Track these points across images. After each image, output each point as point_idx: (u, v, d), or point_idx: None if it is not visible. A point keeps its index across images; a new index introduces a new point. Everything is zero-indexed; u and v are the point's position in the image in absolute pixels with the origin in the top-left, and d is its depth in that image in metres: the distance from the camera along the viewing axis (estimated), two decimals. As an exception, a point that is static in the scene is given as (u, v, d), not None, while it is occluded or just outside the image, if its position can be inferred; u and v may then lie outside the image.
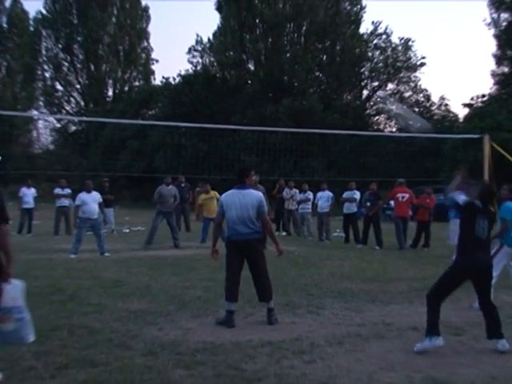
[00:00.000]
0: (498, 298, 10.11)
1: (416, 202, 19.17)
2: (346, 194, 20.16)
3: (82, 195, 16.30)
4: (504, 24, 42.80)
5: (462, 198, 7.40)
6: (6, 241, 6.00)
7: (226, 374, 6.04)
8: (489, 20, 43.47)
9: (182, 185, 23.75)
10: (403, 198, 18.77)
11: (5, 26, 67.08)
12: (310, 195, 21.69)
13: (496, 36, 43.32)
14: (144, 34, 62.00)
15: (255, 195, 8.58)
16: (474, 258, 7.18)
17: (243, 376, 5.98)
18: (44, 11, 59.54)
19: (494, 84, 44.50)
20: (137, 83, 61.39)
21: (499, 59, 43.67)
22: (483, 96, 42.59)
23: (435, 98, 49.58)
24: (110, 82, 60.89)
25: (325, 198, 20.85)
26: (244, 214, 8.38)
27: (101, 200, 16.64)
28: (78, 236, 16.05)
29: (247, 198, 8.48)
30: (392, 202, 20.91)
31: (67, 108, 60.67)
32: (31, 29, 63.19)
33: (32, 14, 64.45)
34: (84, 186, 16.72)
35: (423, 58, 48.60)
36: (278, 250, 8.75)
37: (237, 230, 8.39)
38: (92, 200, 16.24)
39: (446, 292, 7.36)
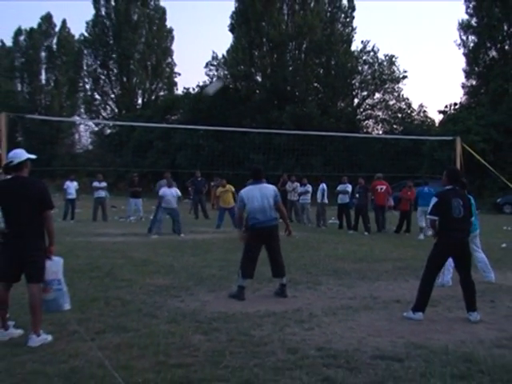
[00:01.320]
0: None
1: (399, 194, 19.28)
2: (339, 187, 20.06)
3: (165, 189, 16.54)
4: (471, 45, 42.98)
5: (433, 201, 7.35)
6: (50, 224, 6.07)
7: (237, 339, 6.06)
8: (459, 41, 43.66)
9: (199, 179, 23.69)
10: (381, 189, 19.05)
11: (54, 46, 67.36)
12: (309, 188, 21.61)
13: (465, 54, 43.51)
14: (168, 52, 61.91)
15: (271, 188, 8.65)
16: (453, 236, 7.20)
17: (252, 341, 5.99)
18: (86, 34, 59.82)
19: (464, 94, 44.58)
20: (162, 93, 61.36)
21: (468, 74, 43.87)
22: (455, 104, 42.68)
23: (415, 106, 49.33)
24: (140, 92, 60.91)
25: (320, 190, 20.74)
26: (265, 204, 8.39)
27: (179, 194, 16.83)
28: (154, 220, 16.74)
29: (266, 191, 8.53)
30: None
31: (103, 114, 60.75)
32: (75, 49, 63.44)
33: (76, 36, 64.84)
34: (166, 182, 16.95)
35: (405, 71, 48.32)
36: (289, 230, 8.85)
37: (259, 219, 8.39)
38: (170, 193, 16.42)
39: (435, 270, 7.41)
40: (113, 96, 60.77)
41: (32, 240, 5.92)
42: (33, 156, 6.23)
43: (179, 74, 65.14)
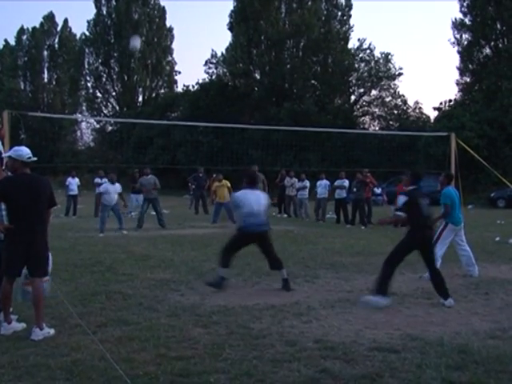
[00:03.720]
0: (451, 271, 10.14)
1: (396, 189, 19.41)
2: (337, 182, 20.08)
3: (107, 185, 16.28)
4: (465, 43, 42.88)
5: (401, 199, 7.73)
6: (49, 220, 6.24)
7: (236, 331, 6.06)
8: (453, 39, 43.52)
9: (200, 175, 23.65)
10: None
11: (56, 45, 67.31)
12: (307, 183, 21.64)
13: (459, 52, 43.38)
14: (168, 50, 61.72)
15: (263, 195, 8.90)
16: (423, 232, 7.60)
17: (251, 334, 5.99)
18: (87, 33, 59.66)
19: (459, 91, 44.44)
20: (162, 91, 61.20)
21: (462, 71, 43.74)
22: (450, 101, 42.54)
23: (411, 103, 49.25)
24: (140, 89, 60.65)
25: (323, 185, 20.86)
26: (257, 209, 8.47)
27: (121, 190, 16.44)
28: (102, 219, 16.02)
29: (259, 197, 8.70)
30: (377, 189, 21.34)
31: (105, 111, 60.55)
32: (77, 47, 63.40)
33: (78, 35, 64.77)
34: (108, 177, 16.69)
35: (400, 69, 48.18)
36: None
37: (252, 222, 8.42)
38: (113, 190, 16.14)
39: (400, 260, 7.77)
40: (114, 94, 60.61)
41: (38, 235, 5.96)
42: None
43: (179, 73, 64.81)
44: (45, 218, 6.06)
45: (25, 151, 6.06)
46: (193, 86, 51.66)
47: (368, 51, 48.40)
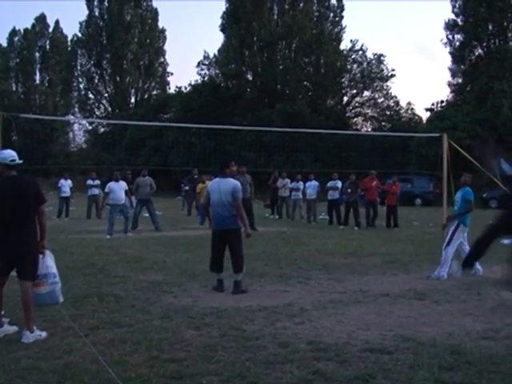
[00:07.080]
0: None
1: (385, 188, 19.56)
2: (329, 183, 20.11)
3: (111, 184, 16.19)
4: (457, 43, 43.11)
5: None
6: (43, 218, 6.11)
7: (229, 333, 6.05)
8: (445, 40, 43.76)
9: (195, 176, 23.67)
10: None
11: (47, 47, 67.17)
12: (301, 185, 21.64)
13: (451, 53, 43.63)
14: (161, 52, 61.66)
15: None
16: None
17: (244, 335, 5.98)
18: (79, 34, 59.58)
19: (450, 92, 44.71)
20: (155, 92, 61.15)
21: (454, 72, 44.02)
22: (442, 102, 42.79)
23: (403, 104, 49.41)
24: (133, 91, 60.60)
25: (312, 186, 20.91)
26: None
27: (127, 188, 16.43)
28: (110, 220, 15.84)
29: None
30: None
31: (97, 113, 60.42)
32: (69, 49, 63.31)
33: (69, 36, 64.60)
34: (112, 177, 16.58)
35: (393, 70, 48.44)
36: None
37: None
38: (118, 188, 16.07)
39: None
40: (106, 95, 60.51)
41: (24, 236, 5.90)
42: None
43: (171, 74, 64.80)
44: (32, 219, 5.97)
45: (7, 154, 6.05)
46: (185, 88, 51.82)
47: (360, 52, 48.64)
